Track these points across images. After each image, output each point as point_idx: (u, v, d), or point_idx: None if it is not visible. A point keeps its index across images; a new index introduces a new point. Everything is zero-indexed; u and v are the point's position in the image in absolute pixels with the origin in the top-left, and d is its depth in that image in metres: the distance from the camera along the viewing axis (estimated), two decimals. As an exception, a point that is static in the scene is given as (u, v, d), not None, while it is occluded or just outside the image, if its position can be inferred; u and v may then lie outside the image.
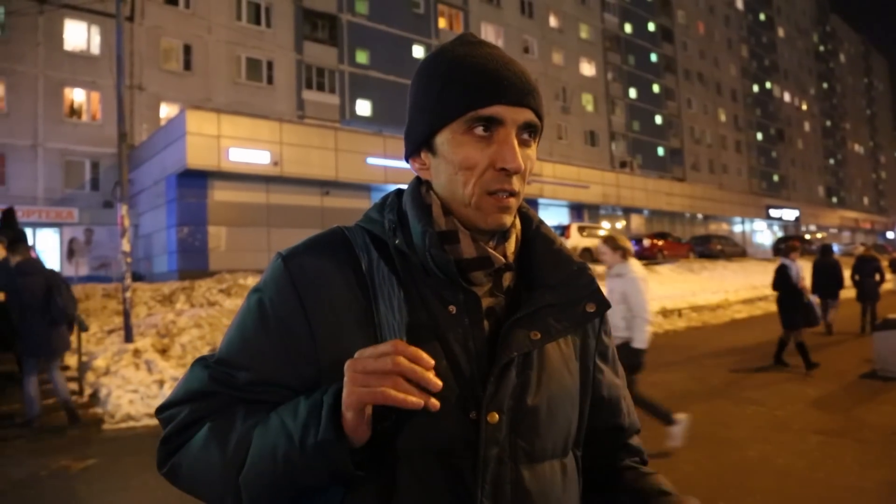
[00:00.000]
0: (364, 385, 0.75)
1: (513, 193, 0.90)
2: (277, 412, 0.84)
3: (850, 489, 4.56)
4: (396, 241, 0.92)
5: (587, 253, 22.35)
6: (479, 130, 0.89)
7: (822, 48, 79.68)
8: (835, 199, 75.85)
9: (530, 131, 0.92)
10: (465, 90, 0.88)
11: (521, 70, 0.91)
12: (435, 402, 0.77)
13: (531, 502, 0.89)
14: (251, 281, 13.26)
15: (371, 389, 0.75)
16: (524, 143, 0.92)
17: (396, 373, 0.75)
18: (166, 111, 24.23)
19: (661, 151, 48.46)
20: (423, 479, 0.85)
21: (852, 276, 12.71)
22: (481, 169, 0.89)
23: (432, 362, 0.77)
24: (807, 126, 71.72)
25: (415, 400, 0.75)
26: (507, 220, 0.92)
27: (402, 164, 1.04)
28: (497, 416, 0.87)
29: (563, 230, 22.83)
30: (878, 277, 12.63)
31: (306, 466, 0.80)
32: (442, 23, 34.36)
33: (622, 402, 1.09)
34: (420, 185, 0.98)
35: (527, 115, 0.90)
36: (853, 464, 5.09)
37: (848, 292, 13.09)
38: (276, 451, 0.80)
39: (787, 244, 9.89)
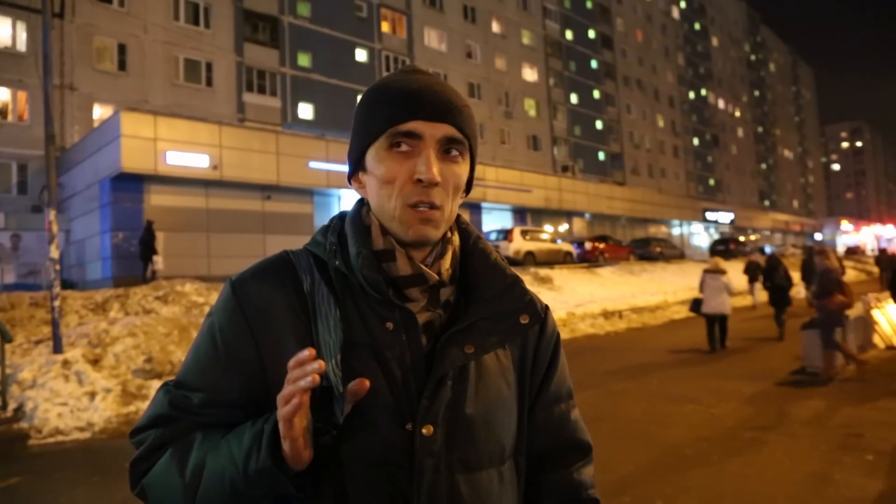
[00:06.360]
0: (282, 408, 0.78)
1: (434, 206, 0.92)
2: (226, 439, 0.87)
3: (781, 482, 4.72)
4: (336, 263, 0.96)
5: (530, 256, 22.64)
6: (400, 146, 0.92)
7: (753, 57, 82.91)
8: (767, 203, 78.94)
9: (455, 147, 0.94)
10: (387, 109, 0.93)
11: (443, 90, 0.95)
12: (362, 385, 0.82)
13: None
14: (189, 288, 12.89)
15: (282, 408, 0.78)
16: (449, 159, 0.94)
17: (293, 380, 0.77)
18: (100, 112, 23.32)
19: (601, 156, 49.52)
20: (363, 489, 0.87)
21: None
22: (401, 182, 0.92)
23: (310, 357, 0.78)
24: (740, 132, 74.47)
25: (306, 383, 0.75)
26: (431, 232, 0.94)
27: (345, 167, 1.05)
28: (431, 428, 0.89)
29: (506, 234, 23.02)
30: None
31: (250, 491, 0.83)
32: (385, 27, 34.28)
33: (561, 410, 1.09)
34: (362, 207, 1.02)
35: (445, 129, 0.93)
36: (784, 458, 5.28)
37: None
38: (224, 477, 0.84)
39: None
